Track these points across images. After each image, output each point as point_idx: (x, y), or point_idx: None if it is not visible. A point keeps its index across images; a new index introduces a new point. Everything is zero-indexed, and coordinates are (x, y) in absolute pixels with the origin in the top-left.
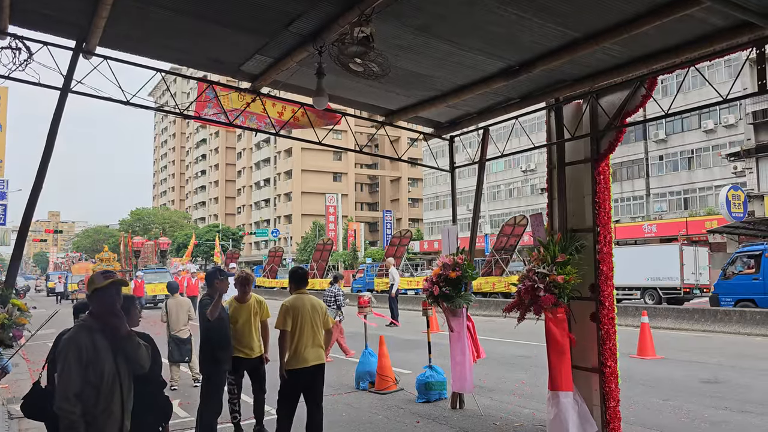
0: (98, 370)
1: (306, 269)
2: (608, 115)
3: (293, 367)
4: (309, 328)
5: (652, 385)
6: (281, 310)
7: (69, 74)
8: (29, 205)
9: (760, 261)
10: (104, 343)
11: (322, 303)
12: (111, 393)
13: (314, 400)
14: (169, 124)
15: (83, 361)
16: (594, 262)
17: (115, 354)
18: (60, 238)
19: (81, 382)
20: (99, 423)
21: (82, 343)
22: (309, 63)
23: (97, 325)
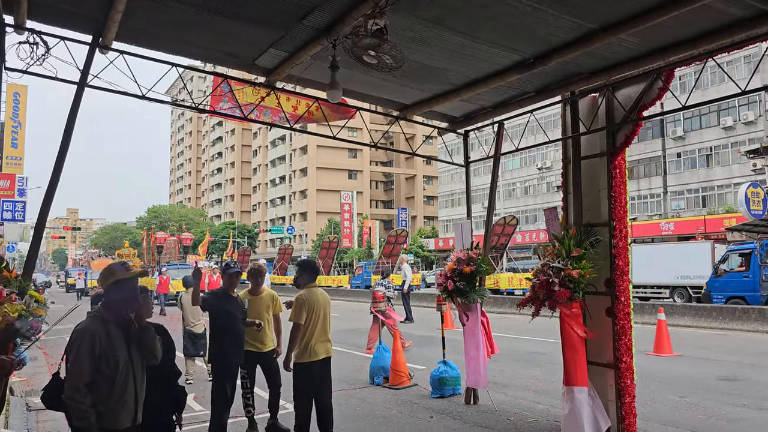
0: (112, 361)
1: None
2: (624, 108)
3: (304, 360)
4: (321, 321)
5: (668, 382)
6: (296, 303)
7: (86, 69)
8: (47, 198)
9: (750, 259)
10: (118, 333)
11: (328, 296)
12: (125, 383)
13: (325, 391)
14: (186, 122)
15: (96, 351)
16: (610, 257)
17: (129, 344)
18: (78, 235)
19: (92, 373)
20: (113, 413)
21: (95, 334)
22: (323, 57)
23: (111, 315)
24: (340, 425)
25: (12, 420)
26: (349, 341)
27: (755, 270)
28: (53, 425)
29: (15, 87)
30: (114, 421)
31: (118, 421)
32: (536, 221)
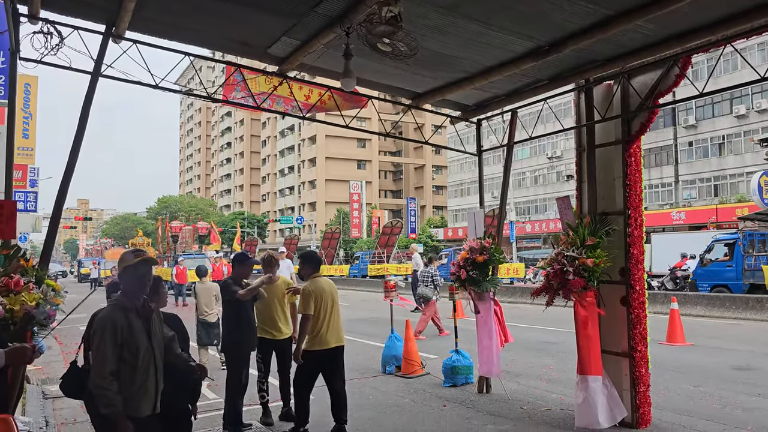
0: (134, 349)
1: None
2: (640, 95)
3: (314, 349)
4: (329, 310)
5: (682, 371)
6: (303, 295)
7: (99, 58)
8: (62, 187)
9: (734, 249)
10: (138, 321)
11: (334, 285)
12: (146, 371)
13: (337, 379)
14: (195, 113)
15: (118, 339)
16: (624, 246)
17: (149, 332)
18: (89, 225)
19: (116, 360)
20: (135, 400)
21: (117, 322)
22: (336, 45)
23: (130, 303)
24: (354, 414)
25: (29, 407)
26: (360, 330)
27: (738, 259)
28: (69, 413)
29: (26, 78)
30: (136, 409)
31: (140, 409)
32: (546, 211)
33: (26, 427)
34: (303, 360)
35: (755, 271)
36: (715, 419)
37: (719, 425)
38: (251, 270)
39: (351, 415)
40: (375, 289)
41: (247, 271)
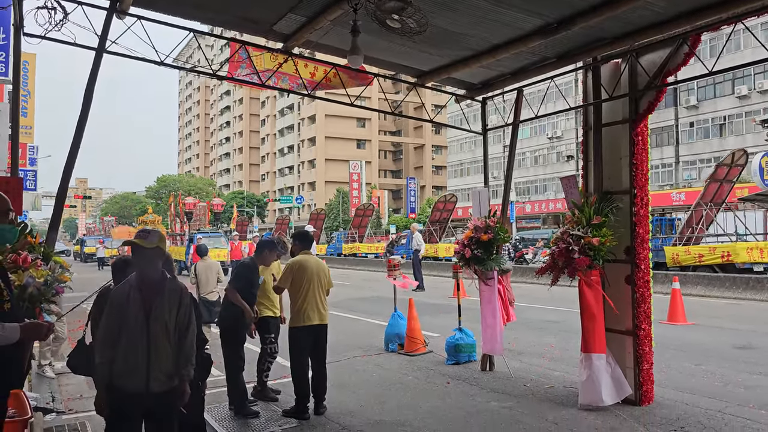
0: (127, 323)
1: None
2: (648, 74)
3: (299, 325)
4: (313, 288)
5: (683, 350)
6: (286, 269)
7: (103, 34)
8: (68, 164)
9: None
10: (138, 298)
11: (324, 264)
12: (135, 346)
13: (318, 359)
14: (193, 91)
15: (116, 312)
16: (630, 225)
17: (148, 310)
18: (88, 204)
19: (115, 331)
20: (123, 373)
21: (117, 298)
22: (343, 22)
23: (136, 281)
24: (358, 390)
25: (35, 384)
26: (363, 309)
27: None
28: (75, 389)
29: (24, 55)
30: (122, 382)
31: (126, 383)
32: (545, 191)
33: (34, 402)
34: (291, 337)
35: (659, 251)
36: (717, 397)
37: (721, 403)
38: (275, 259)
39: (355, 391)
40: (377, 268)
41: (271, 260)
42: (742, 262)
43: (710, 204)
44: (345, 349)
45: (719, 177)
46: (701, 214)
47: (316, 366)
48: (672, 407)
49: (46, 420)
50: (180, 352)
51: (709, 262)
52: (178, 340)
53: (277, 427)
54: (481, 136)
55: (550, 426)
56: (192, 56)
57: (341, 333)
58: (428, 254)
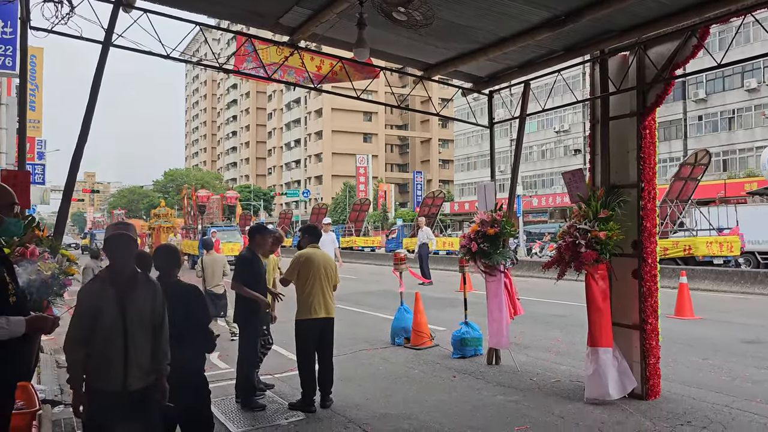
0: (101, 320)
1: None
2: (656, 66)
3: (305, 318)
4: (320, 281)
5: (690, 345)
6: (293, 261)
7: (110, 28)
8: (75, 158)
9: None
10: (111, 293)
11: (331, 258)
12: (111, 344)
13: (324, 352)
14: (200, 85)
15: (87, 310)
16: (637, 219)
17: (123, 305)
18: (96, 197)
19: (85, 329)
20: (99, 372)
21: (90, 293)
22: (349, 15)
23: (109, 276)
24: (364, 384)
25: (44, 376)
26: (369, 302)
27: None
28: None
29: (31, 50)
30: (100, 381)
31: (103, 382)
32: (553, 185)
33: (42, 395)
34: (297, 330)
35: None
36: (724, 391)
37: (728, 397)
38: (271, 244)
39: (361, 384)
40: (384, 262)
41: (266, 244)
42: (702, 255)
43: (676, 201)
44: (351, 342)
45: (684, 175)
46: (666, 211)
47: (322, 359)
48: (679, 401)
49: (54, 412)
50: (156, 347)
51: (672, 255)
52: (153, 335)
53: (283, 419)
54: (488, 129)
55: (556, 420)
56: (199, 50)
57: (348, 326)
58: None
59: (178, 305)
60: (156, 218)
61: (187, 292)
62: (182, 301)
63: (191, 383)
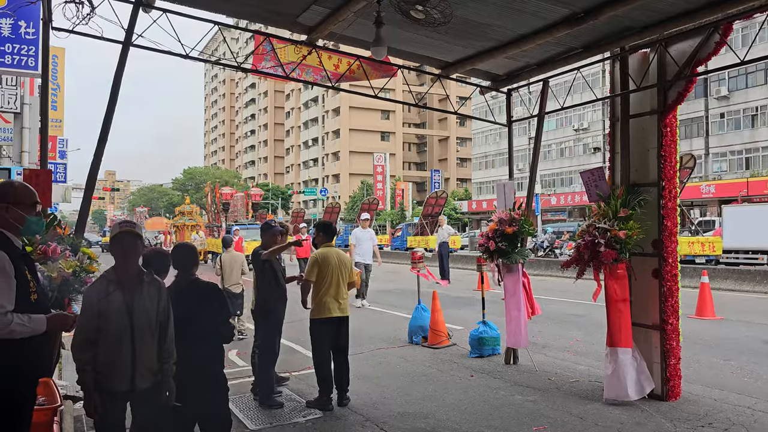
0: (108, 321)
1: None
2: (678, 64)
3: (320, 317)
4: (334, 280)
5: (712, 345)
6: (310, 261)
7: (130, 28)
8: (96, 157)
9: None
10: (118, 294)
11: (347, 256)
12: (119, 344)
13: (340, 351)
14: (219, 85)
15: (93, 311)
16: (658, 218)
17: (130, 305)
18: (116, 196)
19: (92, 330)
20: (107, 373)
21: (96, 293)
22: (366, 13)
23: (115, 276)
24: (381, 382)
25: (65, 372)
26: (386, 301)
27: None
28: None
29: (53, 50)
30: (108, 381)
31: (111, 382)
32: (571, 184)
33: (64, 390)
34: (312, 329)
35: None
36: (746, 393)
37: (751, 399)
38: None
39: (378, 383)
40: (401, 260)
41: (274, 239)
42: (684, 255)
43: None
44: (369, 341)
45: None
46: None
47: (338, 358)
48: (699, 403)
49: (76, 408)
50: (161, 346)
51: None
52: (158, 335)
53: (300, 417)
54: (506, 127)
55: (574, 420)
56: (217, 49)
57: (365, 325)
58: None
59: (196, 303)
60: (180, 216)
61: (205, 290)
62: (201, 299)
63: (210, 381)
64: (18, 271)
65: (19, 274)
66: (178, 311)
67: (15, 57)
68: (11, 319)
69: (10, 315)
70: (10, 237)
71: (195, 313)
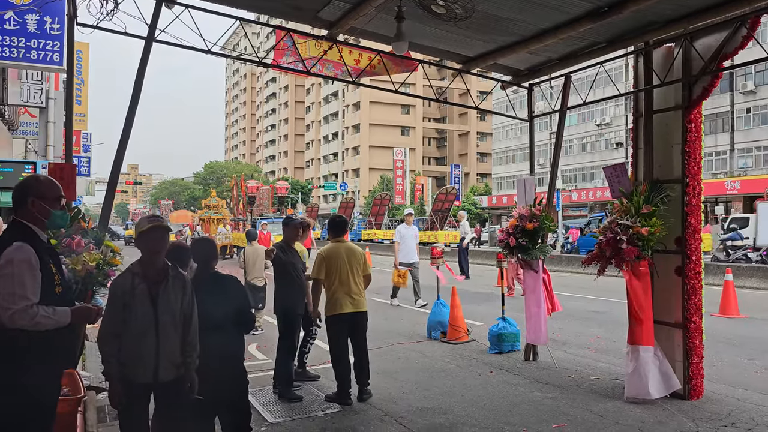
0: (133, 314)
1: (344, 218)
2: (703, 58)
3: (331, 313)
4: (344, 276)
5: (735, 344)
6: (316, 259)
7: (153, 23)
8: (119, 151)
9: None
10: (143, 287)
11: (359, 250)
12: (143, 337)
13: (358, 346)
14: (240, 79)
15: (119, 304)
16: (681, 214)
17: (154, 298)
18: (139, 189)
19: (118, 323)
20: (131, 365)
21: (122, 286)
22: (387, 8)
23: (141, 269)
24: (400, 377)
25: (88, 364)
26: (404, 296)
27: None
28: None
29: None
30: (131, 373)
31: (134, 374)
32: (593, 179)
33: (87, 382)
34: (327, 325)
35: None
36: None
37: None
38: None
39: (397, 378)
40: (420, 256)
41: (296, 234)
42: None
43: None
44: (388, 336)
45: None
46: None
47: (357, 353)
48: (722, 402)
49: (99, 399)
50: (185, 340)
51: None
52: (182, 328)
53: (319, 411)
54: (527, 123)
55: (594, 418)
56: (239, 44)
57: (384, 320)
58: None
59: (216, 296)
60: (206, 209)
61: (225, 282)
62: (221, 291)
63: (230, 373)
64: (43, 264)
65: (45, 266)
66: (199, 304)
67: (41, 52)
68: (37, 311)
69: (35, 307)
70: (35, 230)
71: (214, 306)
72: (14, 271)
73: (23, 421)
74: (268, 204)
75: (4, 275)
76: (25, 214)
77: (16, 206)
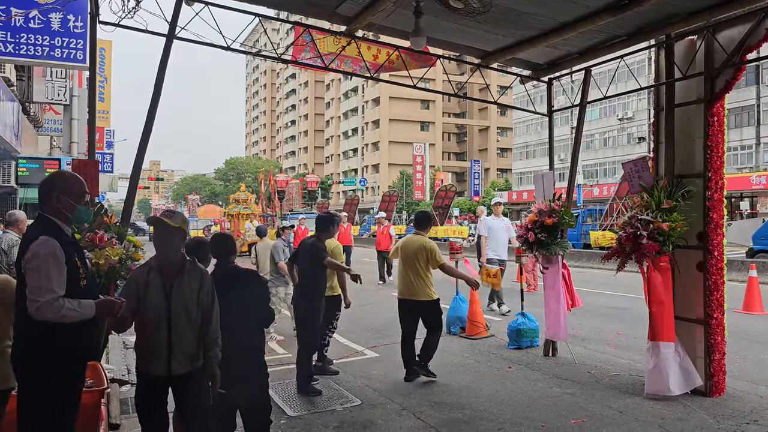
0: (147, 306)
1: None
2: (726, 51)
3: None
4: (406, 266)
5: (759, 341)
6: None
7: (173, 20)
8: (141, 147)
9: (577, 219)
10: (158, 281)
11: (427, 246)
12: (157, 329)
13: (427, 325)
14: (260, 75)
15: (133, 297)
16: (703, 209)
17: (168, 292)
18: (161, 185)
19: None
20: (144, 358)
21: (136, 280)
22: (405, 3)
23: (156, 263)
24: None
25: (112, 356)
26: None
27: (578, 226)
28: None
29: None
30: (146, 365)
31: (149, 366)
32: (615, 174)
33: (111, 374)
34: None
35: (587, 234)
36: None
37: None
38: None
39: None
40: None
41: (336, 231)
42: None
43: (625, 198)
44: None
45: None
46: (618, 206)
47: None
48: (744, 399)
49: (122, 391)
50: (205, 334)
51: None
52: (201, 323)
53: (338, 405)
54: (547, 117)
55: (614, 414)
56: (259, 40)
57: None
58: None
59: (235, 290)
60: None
61: (244, 276)
62: (239, 285)
63: (250, 367)
64: (68, 258)
65: (69, 260)
66: (218, 298)
67: (64, 50)
68: (63, 304)
69: (61, 300)
70: (60, 225)
71: (234, 300)
72: (40, 264)
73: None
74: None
75: (31, 269)
76: (50, 210)
77: (42, 202)
